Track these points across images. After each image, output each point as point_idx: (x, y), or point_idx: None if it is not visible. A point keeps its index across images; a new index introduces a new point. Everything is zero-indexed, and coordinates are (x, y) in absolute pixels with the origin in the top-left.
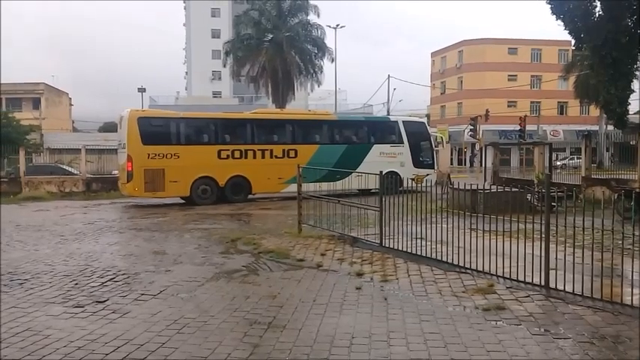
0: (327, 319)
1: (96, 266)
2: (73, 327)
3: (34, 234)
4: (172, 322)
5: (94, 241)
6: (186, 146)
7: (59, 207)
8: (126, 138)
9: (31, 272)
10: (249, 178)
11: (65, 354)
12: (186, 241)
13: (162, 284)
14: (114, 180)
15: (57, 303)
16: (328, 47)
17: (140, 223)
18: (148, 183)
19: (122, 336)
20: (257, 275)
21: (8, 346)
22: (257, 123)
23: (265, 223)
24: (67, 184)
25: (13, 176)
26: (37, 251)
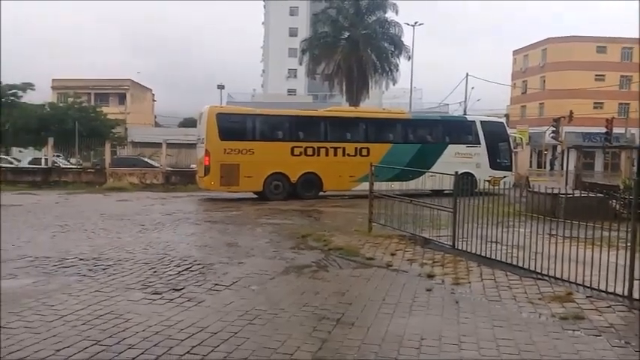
0: (396, 319)
1: (173, 255)
2: (151, 312)
3: (117, 222)
4: (244, 313)
5: (171, 232)
6: (260, 142)
7: (140, 198)
8: (204, 133)
9: (113, 259)
10: (320, 175)
11: (144, 337)
12: (258, 235)
13: (235, 276)
14: (191, 173)
15: (137, 289)
16: (405, 45)
17: (215, 216)
18: (223, 177)
19: (197, 323)
20: (326, 272)
21: (92, 327)
22: (330, 121)
23: (335, 221)
24: (147, 176)
25: (99, 167)
26: (120, 239)
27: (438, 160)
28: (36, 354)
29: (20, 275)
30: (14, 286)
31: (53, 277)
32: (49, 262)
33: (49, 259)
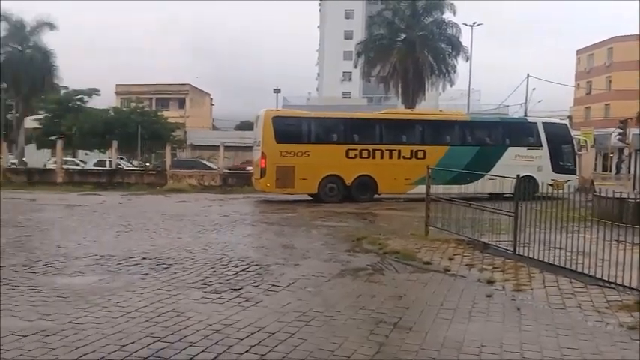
0: (455, 325)
1: (231, 256)
2: (211, 311)
3: (177, 223)
4: (301, 314)
5: (229, 232)
6: (316, 145)
7: (199, 199)
8: (261, 136)
9: (174, 258)
10: (375, 178)
11: (204, 336)
12: (314, 237)
13: (292, 277)
14: (248, 176)
15: (197, 288)
16: (463, 46)
17: (271, 218)
18: (279, 179)
19: (255, 323)
20: (382, 275)
21: (154, 324)
22: (386, 123)
23: (391, 224)
24: (206, 178)
25: (160, 169)
26: (180, 239)
27: (497, 163)
28: (102, 349)
29: (87, 273)
30: (81, 283)
31: (118, 274)
32: (113, 261)
33: (113, 257)
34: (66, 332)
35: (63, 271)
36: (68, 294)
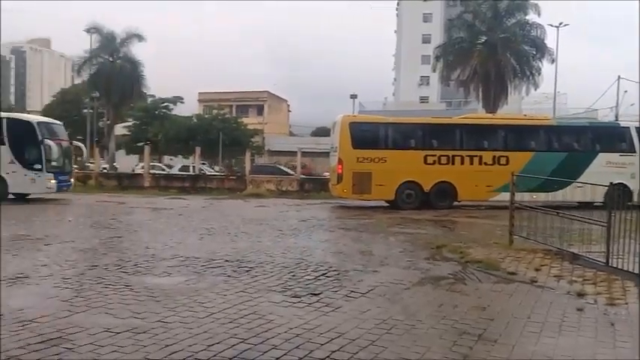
0: (544, 339)
1: (310, 261)
2: (291, 315)
3: (256, 227)
4: (381, 322)
5: (307, 237)
6: (393, 151)
7: (277, 204)
8: (338, 142)
9: (255, 261)
10: (455, 184)
11: (286, 339)
12: (392, 244)
13: (370, 284)
14: (324, 181)
15: (277, 291)
16: (548, 47)
17: (348, 224)
18: (356, 185)
19: (335, 329)
20: (465, 285)
21: (238, 326)
22: (466, 128)
23: (472, 232)
24: (283, 184)
25: (239, 175)
26: (260, 243)
27: (586, 169)
28: (189, 348)
29: (174, 273)
30: (169, 283)
31: (202, 276)
32: (198, 263)
33: (198, 259)
34: (155, 330)
35: (152, 271)
36: (157, 293)
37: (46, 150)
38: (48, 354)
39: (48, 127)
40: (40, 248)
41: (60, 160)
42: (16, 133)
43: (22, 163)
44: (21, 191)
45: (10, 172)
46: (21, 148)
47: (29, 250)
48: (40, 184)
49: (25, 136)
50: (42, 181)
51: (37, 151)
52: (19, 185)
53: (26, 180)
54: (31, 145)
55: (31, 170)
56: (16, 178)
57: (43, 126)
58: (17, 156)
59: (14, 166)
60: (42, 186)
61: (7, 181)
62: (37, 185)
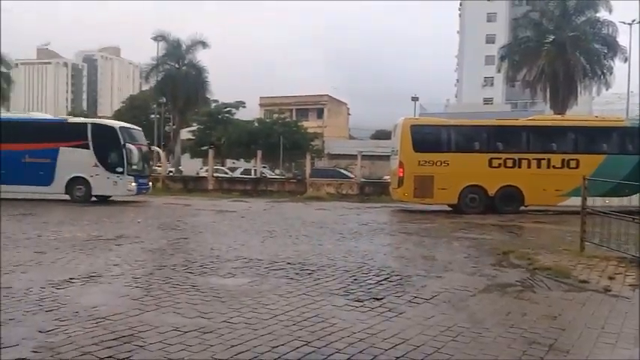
0: (619, 350)
1: (371, 265)
2: (354, 319)
3: (317, 230)
4: (446, 329)
5: (368, 241)
6: (456, 154)
7: (337, 207)
8: (399, 145)
9: (316, 264)
10: (521, 188)
11: (349, 343)
12: (456, 249)
13: (434, 290)
14: (385, 185)
15: (340, 295)
16: (621, 46)
17: (409, 228)
18: (417, 189)
19: (399, 334)
20: (533, 292)
21: (301, 328)
22: (533, 130)
23: (539, 238)
24: (343, 187)
25: (300, 178)
26: (321, 246)
27: None
28: (255, 349)
29: (238, 275)
30: (233, 284)
31: (265, 278)
32: (261, 264)
33: (261, 261)
34: (222, 330)
35: (217, 272)
36: (222, 294)
37: (127, 154)
38: (120, 350)
39: (129, 132)
40: (112, 248)
41: (140, 164)
42: (99, 137)
43: (105, 166)
44: (103, 193)
45: (94, 175)
46: (104, 152)
47: (101, 249)
48: (121, 186)
49: (108, 141)
50: (123, 183)
51: (119, 155)
52: (101, 188)
53: (109, 183)
54: (114, 150)
55: (113, 173)
56: (99, 180)
57: (125, 131)
58: (100, 159)
59: (97, 169)
60: (123, 189)
61: (90, 183)
62: (118, 188)
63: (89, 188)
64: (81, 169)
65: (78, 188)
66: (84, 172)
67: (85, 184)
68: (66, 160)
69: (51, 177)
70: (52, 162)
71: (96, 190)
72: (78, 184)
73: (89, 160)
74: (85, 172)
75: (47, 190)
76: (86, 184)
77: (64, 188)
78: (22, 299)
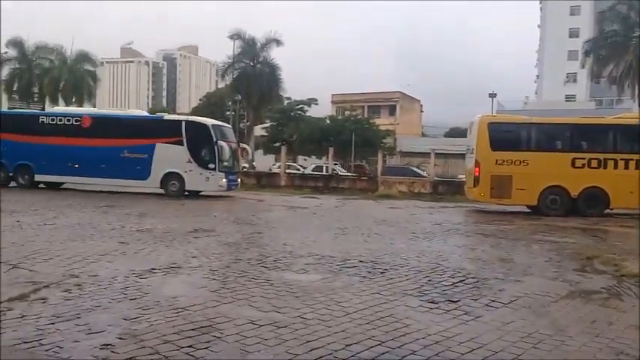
0: None
1: (446, 266)
2: (429, 321)
3: (389, 229)
4: (526, 335)
5: (442, 242)
6: (536, 153)
7: (409, 206)
8: (475, 143)
9: (389, 263)
10: (607, 190)
11: (424, 345)
12: (535, 253)
13: (513, 294)
14: (459, 184)
15: (413, 296)
16: None
17: (485, 229)
18: (494, 189)
19: (475, 339)
20: (621, 301)
21: (375, 328)
22: (622, 129)
23: (627, 243)
24: (416, 185)
25: (371, 175)
26: (393, 245)
27: None
28: (328, 346)
29: (310, 271)
30: (306, 280)
31: (338, 275)
32: (333, 261)
33: (333, 258)
34: (296, 326)
35: (290, 267)
36: (296, 289)
37: (219, 151)
38: (199, 341)
39: (220, 130)
40: (190, 241)
41: (230, 161)
42: (192, 134)
43: (198, 162)
44: (196, 189)
45: (187, 171)
46: (197, 149)
47: (180, 242)
48: (213, 182)
49: (201, 138)
50: (215, 179)
51: (211, 152)
52: (194, 183)
53: (201, 178)
54: (206, 146)
55: (205, 169)
56: (192, 176)
57: (217, 128)
58: (194, 156)
59: (191, 165)
60: (215, 184)
61: (184, 178)
62: (210, 183)
63: (182, 183)
64: (175, 164)
65: (172, 183)
66: (178, 168)
67: (178, 180)
68: (161, 155)
69: (147, 172)
70: (148, 157)
71: (189, 186)
72: (172, 180)
73: (183, 156)
74: (179, 168)
75: (143, 184)
76: (180, 179)
77: (159, 183)
78: (108, 287)
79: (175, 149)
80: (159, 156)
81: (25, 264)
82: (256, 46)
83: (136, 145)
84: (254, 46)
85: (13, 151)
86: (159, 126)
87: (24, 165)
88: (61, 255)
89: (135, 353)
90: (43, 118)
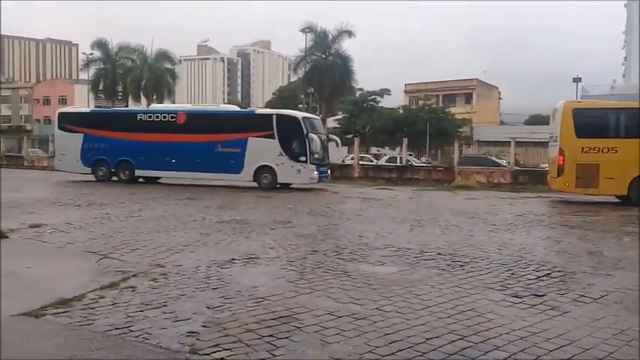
0: None
1: (529, 259)
2: (513, 316)
3: (467, 220)
4: (619, 332)
5: (525, 234)
6: (626, 140)
7: (488, 197)
8: (559, 130)
9: (469, 256)
10: None
11: (508, 341)
12: (626, 245)
13: (603, 289)
14: (541, 173)
15: (495, 289)
16: None
17: (571, 220)
18: (579, 178)
19: (564, 335)
20: None
21: (456, 322)
22: None
23: None
24: (495, 176)
25: (447, 166)
26: (472, 237)
27: None
28: (408, 339)
29: (387, 263)
30: (383, 272)
31: (415, 267)
32: (410, 254)
33: (409, 250)
34: (374, 318)
35: (366, 259)
36: (373, 282)
37: (310, 143)
38: (280, 330)
39: (310, 122)
40: (267, 232)
41: (320, 153)
42: (283, 127)
43: (289, 155)
44: (287, 181)
45: (279, 164)
46: (288, 142)
47: (258, 233)
48: (304, 174)
49: (292, 131)
50: (306, 172)
51: (302, 144)
52: (286, 176)
53: (292, 171)
54: (298, 139)
55: (297, 162)
56: (284, 169)
57: (307, 121)
58: (285, 149)
59: (282, 158)
60: (306, 177)
61: (276, 171)
62: (302, 176)
63: (275, 176)
64: (267, 158)
65: (264, 176)
66: (270, 161)
67: (270, 173)
68: (254, 149)
69: (241, 165)
70: (241, 151)
71: (281, 179)
72: (264, 173)
73: (275, 149)
74: (271, 161)
75: (237, 177)
76: (272, 172)
77: (252, 176)
78: (192, 277)
79: (267, 143)
80: (251, 150)
81: (114, 254)
82: (328, 38)
83: (230, 140)
84: (326, 39)
85: (113, 147)
86: (251, 120)
87: (125, 161)
88: (147, 245)
89: (219, 341)
90: (141, 116)
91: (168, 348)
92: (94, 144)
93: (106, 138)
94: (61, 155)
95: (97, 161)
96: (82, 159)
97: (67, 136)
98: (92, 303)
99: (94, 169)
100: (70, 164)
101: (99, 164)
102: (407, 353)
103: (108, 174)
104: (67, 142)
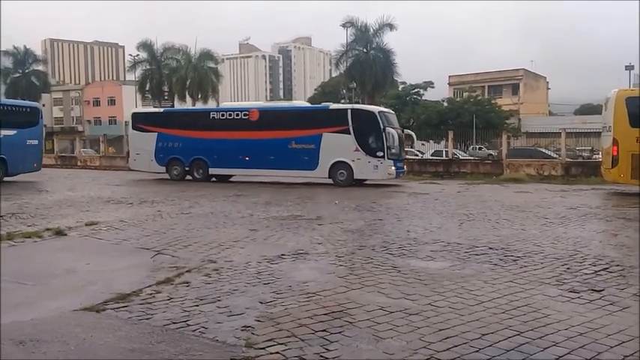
0: None
1: (586, 253)
2: (570, 311)
3: (518, 214)
4: None
5: (579, 227)
6: None
7: (538, 189)
8: (612, 120)
9: (521, 250)
10: None
11: (567, 337)
12: None
13: None
14: (594, 165)
15: (551, 284)
16: None
17: (628, 213)
18: (635, 169)
19: (625, 331)
20: None
21: (511, 317)
22: None
23: None
24: (545, 168)
25: (495, 158)
26: (524, 231)
27: None
28: (463, 335)
29: (437, 258)
30: (434, 267)
31: (467, 262)
32: (460, 249)
33: (460, 245)
34: (427, 313)
35: (416, 254)
36: (424, 277)
37: (386, 138)
38: (332, 325)
39: (387, 117)
40: (315, 228)
41: (397, 148)
42: (359, 122)
43: (366, 150)
44: (364, 177)
45: (355, 160)
46: (364, 137)
47: (305, 229)
48: (382, 170)
49: (368, 126)
50: (384, 167)
51: (379, 139)
52: (362, 172)
53: (369, 167)
54: (374, 134)
55: (374, 157)
56: (360, 165)
57: (383, 115)
58: (361, 144)
59: (358, 153)
60: (384, 172)
61: (352, 167)
62: (379, 172)
63: (351, 172)
64: (343, 153)
65: (340, 172)
66: (346, 157)
67: (346, 169)
68: (328, 145)
69: (315, 162)
70: (315, 147)
71: (357, 175)
72: (340, 169)
73: (350, 144)
74: (346, 157)
75: (312, 174)
76: (348, 168)
77: (327, 172)
78: (243, 272)
79: (342, 138)
80: (326, 146)
81: (167, 250)
82: (369, 32)
83: (304, 136)
84: (367, 33)
85: (187, 146)
86: (325, 116)
87: (199, 159)
88: (198, 242)
89: (273, 335)
90: (214, 114)
91: (224, 342)
92: (167, 143)
93: (179, 137)
94: (135, 155)
95: (171, 160)
96: (156, 158)
97: (141, 135)
98: (149, 298)
99: (168, 169)
100: (144, 164)
101: (173, 163)
102: (462, 349)
103: (182, 173)
104: (141, 142)
